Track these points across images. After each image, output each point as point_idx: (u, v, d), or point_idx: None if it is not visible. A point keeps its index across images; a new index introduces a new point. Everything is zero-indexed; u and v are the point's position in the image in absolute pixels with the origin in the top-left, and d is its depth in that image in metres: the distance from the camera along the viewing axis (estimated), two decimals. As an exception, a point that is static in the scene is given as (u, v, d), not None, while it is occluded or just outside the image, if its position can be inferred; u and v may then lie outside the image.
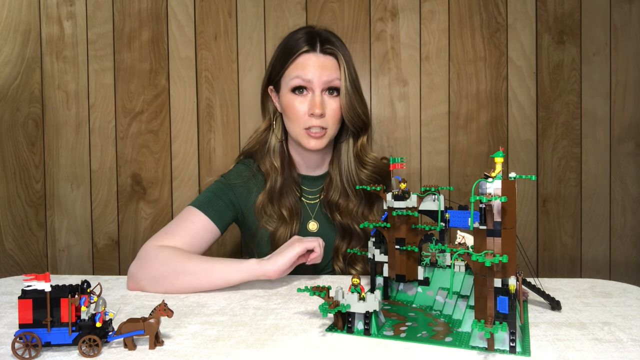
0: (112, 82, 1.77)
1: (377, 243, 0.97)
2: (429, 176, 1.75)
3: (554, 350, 0.73)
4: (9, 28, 1.75)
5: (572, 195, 1.74)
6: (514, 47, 1.72)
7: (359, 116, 1.25)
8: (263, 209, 1.26)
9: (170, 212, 1.77)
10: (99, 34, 1.76)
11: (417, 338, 0.78)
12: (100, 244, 1.79)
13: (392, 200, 0.93)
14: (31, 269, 1.78)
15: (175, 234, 1.17)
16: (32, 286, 0.73)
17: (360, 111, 1.26)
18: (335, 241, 1.29)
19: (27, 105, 1.77)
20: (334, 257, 1.29)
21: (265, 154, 1.31)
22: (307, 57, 1.23)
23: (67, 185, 1.78)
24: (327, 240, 1.26)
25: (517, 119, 1.73)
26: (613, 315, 0.87)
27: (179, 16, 1.75)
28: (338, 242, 1.29)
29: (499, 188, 0.72)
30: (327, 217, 1.30)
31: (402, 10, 1.73)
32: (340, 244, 1.28)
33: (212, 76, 1.76)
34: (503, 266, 0.71)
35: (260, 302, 0.98)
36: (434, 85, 1.74)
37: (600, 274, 1.73)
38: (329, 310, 0.78)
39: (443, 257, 0.93)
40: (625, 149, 1.73)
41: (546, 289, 0.98)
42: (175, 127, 1.77)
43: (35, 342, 0.72)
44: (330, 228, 1.30)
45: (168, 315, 0.75)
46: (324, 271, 1.30)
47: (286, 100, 1.25)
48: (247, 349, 0.75)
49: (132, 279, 1.10)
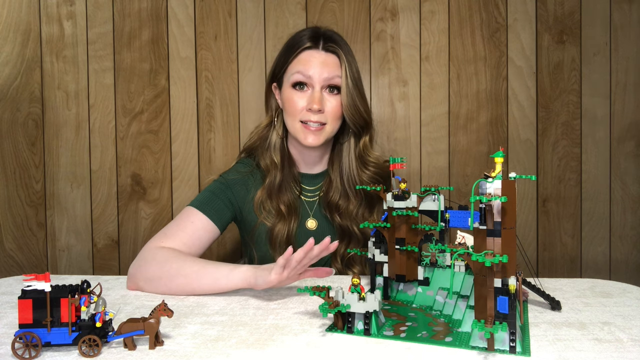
0: (112, 82, 1.77)
1: (377, 243, 0.97)
2: (429, 176, 1.75)
3: (554, 350, 0.73)
4: (9, 28, 1.75)
5: (572, 195, 1.74)
6: (514, 47, 1.72)
7: (360, 114, 1.26)
8: (262, 204, 1.27)
9: (170, 212, 1.77)
10: (99, 34, 1.76)
11: (417, 338, 0.78)
12: (100, 244, 1.79)
13: (392, 200, 0.93)
14: (31, 269, 1.78)
15: (175, 235, 1.17)
16: (32, 286, 0.73)
17: (362, 109, 1.26)
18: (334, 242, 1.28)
19: (27, 105, 1.77)
20: (332, 258, 1.29)
21: (266, 149, 1.31)
22: (309, 54, 1.24)
23: (67, 185, 1.78)
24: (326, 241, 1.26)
25: (517, 119, 1.73)
26: (613, 315, 0.87)
27: (179, 16, 1.75)
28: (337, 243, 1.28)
29: (499, 188, 0.73)
30: (325, 216, 1.31)
31: (402, 10, 1.73)
32: (338, 245, 1.28)
33: (212, 76, 1.76)
34: (503, 266, 0.71)
35: (260, 302, 0.98)
36: (434, 85, 1.74)
37: (600, 274, 1.73)
38: (329, 310, 0.78)
39: (443, 257, 0.93)
40: (625, 149, 1.73)
41: (546, 289, 0.98)
42: (175, 127, 1.77)
43: (35, 342, 0.72)
44: (329, 226, 1.31)
45: (168, 315, 0.75)
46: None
47: (286, 95, 1.26)
48: (247, 349, 0.75)
49: (131, 279, 1.11)
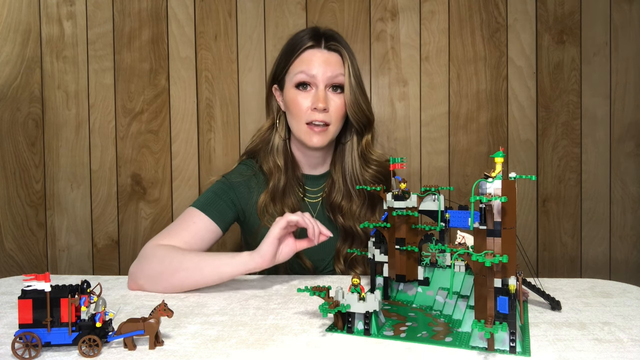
0: (112, 82, 1.77)
1: (377, 243, 0.97)
2: (429, 176, 1.75)
3: (554, 350, 0.73)
4: (9, 28, 1.75)
5: (572, 195, 1.74)
6: (514, 47, 1.72)
7: (363, 112, 1.26)
8: (265, 208, 1.26)
9: (170, 212, 1.77)
10: (99, 34, 1.76)
11: (417, 338, 0.78)
12: (100, 244, 1.79)
13: (392, 200, 0.93)
14: (31, 269, 1.78)
15: (177, 234, 1.17)
16: (32, 286, 0.73)
17: (365, 107, 1.26)
18: (337, 243, 1.29)
19: (27, 105, 1.77)
20: (335, 259, 1.29)
21: (269, 152, 1.30)
22: (311, 53, 1.24)
23: (67, 185, 1.78)
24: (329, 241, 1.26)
25: (517, 119, 1.73)
26: (613, 315, 0.87)
27: (179, 16, 1.75)
28: (340, 244, 1.28)
29: (499, 188, 0.73)
30: (328, 217, 1.30)
31: (402, 10, 1.73)
32: (341, 246, 1.28)
33: (212, 76, 1.76)
34: (503, 266, 0.71)
35: (260, 302, 0.98)
36: (434, 85, 1.74)
37: (600, 274, 1.73)
38: (329, 310, 0.78)
39: (443, 257, 0.93)
40: (625, 149, 1.73)
41: (546, 289, 0.98)
42: (175, 127, 1.77)
43: (35, 342, 0.72)
44: (331, 228, 1.30)
45: (168, 315, 0.75)
46: (324, 271, 1.30)
47: (290, 96, 1.25)
48: (247, 349, 0.75)
49: (131, 277, 1.11)
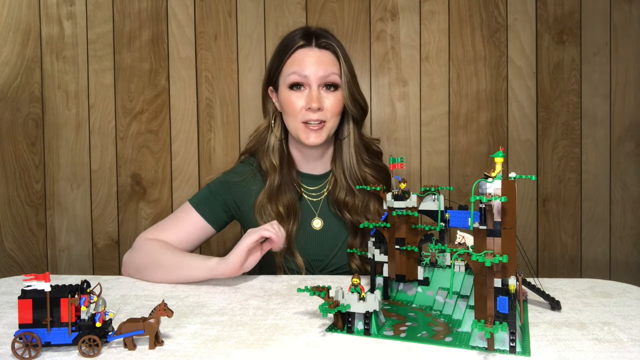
0: (112, 82, 1.77)
1: (377, 243, 0.97)
2: (429, 176, 1.75)
3: (554, 350, 0.73)
4: (9, 28, 1.75)
5: (572, 195, 1.74)
6: (514, 47, 1.72)
7: (360, 105, 1.29)
8: (262, 208, 1.27)
9: (170, 212, 1.77)
10: (99, 34, 1.76)
11: (417, 338, 0.78)
12: (100, 244, 1.79)
13: (392, 200, 0.93)
14: (31, 269, 1.78)
15: (168, 229, 1.25)
16: (32, 286, 0.73)
17: (361, 100, 1.30)
18: (349, 239, 1.29)
19: (27, 105, 1.76)
20: (350, 256, 1.28)
21: (265, 152, 1.31)
22: (303, 52, 1.24)
23: (67, 185, 1.78)
24: (336, 237, 1.28)
25: (517, 119, 1.73)
26: (613, 315, 0.87)
27: (179, 16, 1.75)
28: (351, 240, 1.28)
29: (499, 188, 0.72)
30: (334, 214, 1.30)
31: (402, 11, 1.73)
32: (353, 242, 1.28)
33: (212, 76, 1.76)
34: (503, 266, 0.71)
35: (260, 302, 0.98)
36: (434, 85, 1.74)
37: (600, 274, 1.73)
38: (329, 310, 0.78)
39: (443, 257, 0.93)
40: (625, 149, 1.72)
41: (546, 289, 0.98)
42: (175, 127, 1.77)
43: (35, 342, 0.72)
44: (337, 225, 1.30)
45: (168, 315, 0.75)
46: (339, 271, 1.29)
47: (284, 97, 1.26)
48: (247, 349, 0.75)
49: (124, 265, 1.21)
